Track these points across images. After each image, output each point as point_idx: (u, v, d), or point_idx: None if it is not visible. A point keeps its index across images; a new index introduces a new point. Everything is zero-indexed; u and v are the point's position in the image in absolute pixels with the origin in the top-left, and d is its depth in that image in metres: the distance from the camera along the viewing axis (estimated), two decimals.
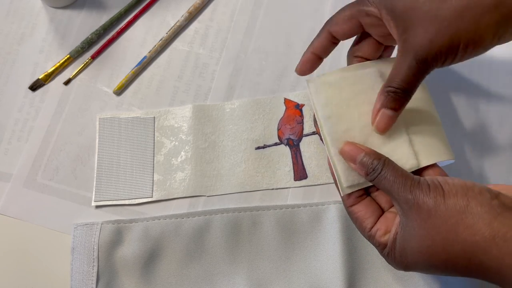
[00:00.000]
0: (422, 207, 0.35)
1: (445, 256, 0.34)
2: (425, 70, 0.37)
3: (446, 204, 0.34)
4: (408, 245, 0.36)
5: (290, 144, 0.52)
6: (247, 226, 0.49)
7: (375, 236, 0.39)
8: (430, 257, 0.35)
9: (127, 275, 0.48)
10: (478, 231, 0.33)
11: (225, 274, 0.48)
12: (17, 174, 0.53)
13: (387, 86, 0.38)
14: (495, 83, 0.53)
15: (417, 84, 0.38)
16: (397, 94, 0.38)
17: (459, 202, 0.34)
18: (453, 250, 0.34)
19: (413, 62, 0.37)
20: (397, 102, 0.38)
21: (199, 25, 0.57)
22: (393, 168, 0.38)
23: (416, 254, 0.36)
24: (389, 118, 0.39)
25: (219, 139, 0.53)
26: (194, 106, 0.53)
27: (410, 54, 0.37)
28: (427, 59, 0.37)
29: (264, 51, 0.56)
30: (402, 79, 0.38)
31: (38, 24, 0.58)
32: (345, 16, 0.42)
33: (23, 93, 0.55)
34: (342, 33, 0.42)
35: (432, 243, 0.34)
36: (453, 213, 0.34)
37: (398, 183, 0.36)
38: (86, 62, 0.56)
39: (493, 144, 0.51)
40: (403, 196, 0.36)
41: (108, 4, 0.58)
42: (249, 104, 0.53)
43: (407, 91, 0.38)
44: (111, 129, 0.53)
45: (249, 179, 0.51)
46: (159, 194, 0.51)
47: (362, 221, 0.40)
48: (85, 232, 0.49)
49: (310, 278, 0.48)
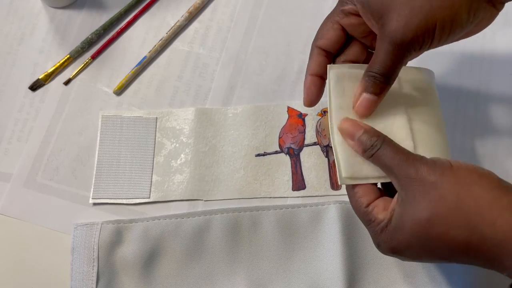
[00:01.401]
0: (427, 179, 0.34)
1: (445, 228, 0.33)
2: (403, 55, 0.37)
3: (455, 175, 0.34)
4: (406, 218, 0.35)
5: (291, 153, 0.52)
6: (247, 226, 0.49)
7: (371, 212, 0.37)
8: (428, 229, 0.34)
9: (127, 275, 0.48)
10: (485, 203, 0.32)
11: (225, 274, 0.48)
12: (17, 174, 0.53)
13: (368, 71, 0.39)
14: (495, 83, 0.53)
15: (396, 69, 0.38)
16: (377, 79, 0.38)
17: (469, 175, 0.34)
18: (456, 220, 0.33)
19: (390, 47, 0.37)
20: (377, 87, 0.38)
21: (199, 25, 0.57)
22: (393, 145, 0.37)
23: (413, 227, 0.34)
24: (369, 102, 0.39)
25: (219, 144, 0.52)
26: (196, 109, 0.53)
27: (387, 39, 0.37)
28: (403, 42, 0.36)
29: (264, 51, 0.56)
30: (381, 65, 0.38)
31: (38, 24, 0.58)
32: (327, 26, 0.42)
33: (23, 93, 0.55)
34: (330, 43, 0.42)
35: (434, 214, 0.33)
36: (462, 184, 0.33)
37: (398, 159, 0.36)
38: (86, 62, 0.56)
39: (493, 144, 0.51)
40: (404, 170, 0.35)
41: (108, 4, 0.58)
42: (252, 110, 0.53)
43: (387, 76, 0.38)
44: (113, 127, 0.53)
45: (247, 186, 0.51)
46: (157, 196, 0.51)
47: (360, 197, 0.38)
48: (85, 232, 0.49)
49: (310, 278, 0.48)
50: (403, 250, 0.36)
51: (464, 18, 0.37)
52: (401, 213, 0.35)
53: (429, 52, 0.41)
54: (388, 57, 0.37)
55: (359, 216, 0.39)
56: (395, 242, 0.36)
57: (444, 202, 0.33)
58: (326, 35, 0.41)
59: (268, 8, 0.57)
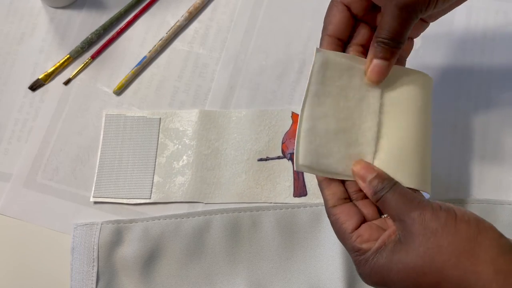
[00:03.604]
0: (429, 225, 0.34)
1: (437, 280, 0.33)
2: (410, 17, 0.37)
3: (457, 228, 0.33)
4: (398, 259, 0.34)
5: (293, 159, 0.52)
6: (247, 226, 0.49)
7: (355, 241, 0.37)
8: (420, 277, 0.33)
9: (127, 275, 0.48)
10: (482, 263, 0.32)
11: (225, 274, 0.48)
12: (17, 174, 0.53)
13: (376, 37, 0.39)
14: (496, 83, 0.53)
15: (404, 32, 0.38)
16: (387, 44, 0.38)
17: (470, 230, 0.33)
18: (451, 275, 0.33)
19: (396, 11, 0.37)
20: (388, 51, 0.38)
21: (199, 25, 0.57)
22: (402, 188, 0.37)
23: (405, 270, 0.34)
24: (380, 67, 0.39)
25: (222, 147, 0.52)
26: (200, 111, 0.53)
27: (392, 3, 0.37)
28: (408, 4, 0.37)
29: (264, 51, 0.56)
30: (389, 29, 0.38)
31: (38, 24, 0.58)
32: (332, 11, 0.41)
33: (23, 93, 0.55)
34: (339, 29, 0.41)
35: (429, 263, 0.33)
36: (462, 238, 0.33)
37: (405, 201, 0.35)
38: (86, 62, 0.56)
39: (494, 144, 0.51)
40: (408, 212, 0.35)
41: (108, 4, 0.58)
42: (256, 114, 0.53)
43: (396, 40, 0.38)
44: (117, 126, 0.53)
45: (249, 190, 0.51)
46: (157, 197, 0.51)
47: (343, 222, 0.38)
48: (85, 232, 0.49)
49: (310, 278, 0.48)
50: (386, 286, 0.35)
51: None
52: (394, 252, 0.35)
53: (429, 52, 0.41)
54: (395, 20, 0.37)
55: (341, 241, 0.38)
56: (380, 277, 0.35)
57: (441, 254, 0.33)
58: (333, 20, 0.41)
59: (268, 8, 0.57)
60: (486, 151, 0.51)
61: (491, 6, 0.55)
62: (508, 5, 0.56)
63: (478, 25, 0.55)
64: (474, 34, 0.55)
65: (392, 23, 0.37)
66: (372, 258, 0.36)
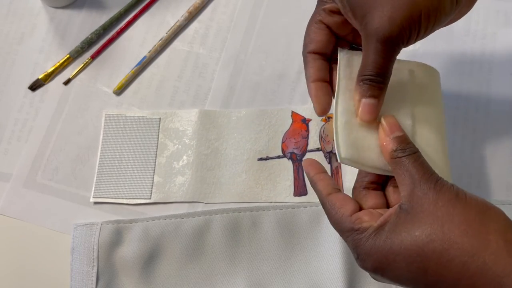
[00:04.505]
0: (441, 197, 0.33)
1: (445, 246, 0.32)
2: (393, 50, 0.36)
3: (467, 201, 0.33)
4: (403, 229, 0.33)
5: (293, 158, 0.52)
6: (247, 226, 0.49)
7: (354, 222, 0.35)
8: (426, 245, 0.32)
9: (127, 275, 0.48)
10: (493, 232, 0.32)
11: (225, 274, 0.48)
12: (17, 174, 0.52)
13: (361, 75, 0.37)
14: (496, 83, 0.53)
15: (389, 66, 0.37)
16: (373, 81, 0.37)
17: (480, 205, 0.33)
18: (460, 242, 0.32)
19: (378, 45, 0.36)
20: (375, 88, 0.37)
21: (199, 25, 0.57)
22: (422, 158, 0.36)
23: (409, 239, 0.33)
24: (370, 107, 0.37)
25: (222, 147, 0.52)
26: (200, 111, 0.53)
27: (373, 37, 0.36)
28: (391, 37, 0.35)
29: (264, 51, 0.56)
30: (373, 65, 0.36)
31: (38, 24, 0.58)
32: (313, 29, 0.40)
33: (23, 93, 0.55)
34: (321, 45, 0.40)
35: (437, 229, 0.32)
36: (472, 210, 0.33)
37: (423, 170, 0.34)
38: (86, 62, 0.56)
39: (494, 144, 0.51)
40: (424, 182, 0.34)
41: (108, 4, 0.58)
42: (256, 114, 0.53)
43: (382, 75, 0.37)
44: (116, 126, 0.53)
45: (249, 190, 0.51)
46: (157, 197, 0.51)
47: (340, 207, 0.37)
48: (85, 232, 0.49)
49: (310, 278, 0.48)
50: (387, 264, 0.34)
51: (447, 5, 0.36)
52: (396, 224, 0.34)
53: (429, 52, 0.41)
54: (378, 55, 0.36)
55: (337, 227, 0.37)
56: (380, 254, 0.34)
57: (451, 222, 0.32)
58: (315, 38, 0.40)
59: (268, 8, 0.57)
60: (486, 151, 0.51)
61: (491, 6, 0.55)
62: (508, 5, 0.56)
63: (478, 25, 0.55)
64: (474, 34, 0.55)
65: (375, 58, 0.36)
66: (373, 235, 0.34)
